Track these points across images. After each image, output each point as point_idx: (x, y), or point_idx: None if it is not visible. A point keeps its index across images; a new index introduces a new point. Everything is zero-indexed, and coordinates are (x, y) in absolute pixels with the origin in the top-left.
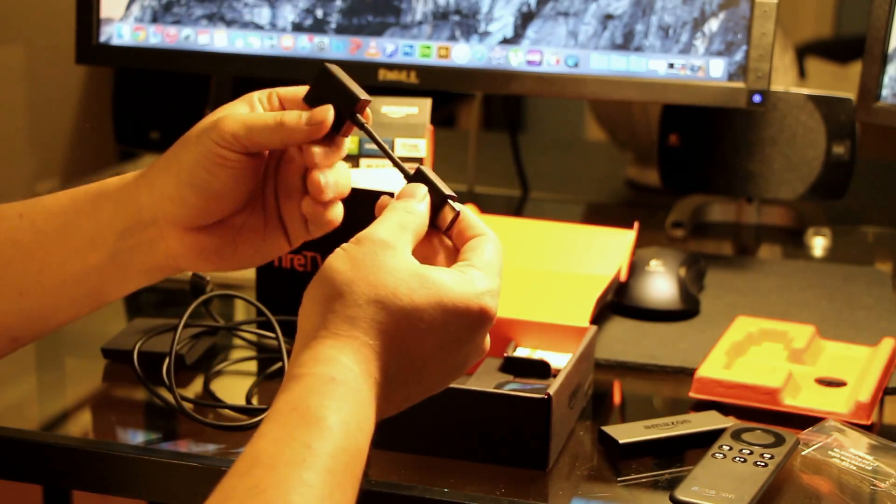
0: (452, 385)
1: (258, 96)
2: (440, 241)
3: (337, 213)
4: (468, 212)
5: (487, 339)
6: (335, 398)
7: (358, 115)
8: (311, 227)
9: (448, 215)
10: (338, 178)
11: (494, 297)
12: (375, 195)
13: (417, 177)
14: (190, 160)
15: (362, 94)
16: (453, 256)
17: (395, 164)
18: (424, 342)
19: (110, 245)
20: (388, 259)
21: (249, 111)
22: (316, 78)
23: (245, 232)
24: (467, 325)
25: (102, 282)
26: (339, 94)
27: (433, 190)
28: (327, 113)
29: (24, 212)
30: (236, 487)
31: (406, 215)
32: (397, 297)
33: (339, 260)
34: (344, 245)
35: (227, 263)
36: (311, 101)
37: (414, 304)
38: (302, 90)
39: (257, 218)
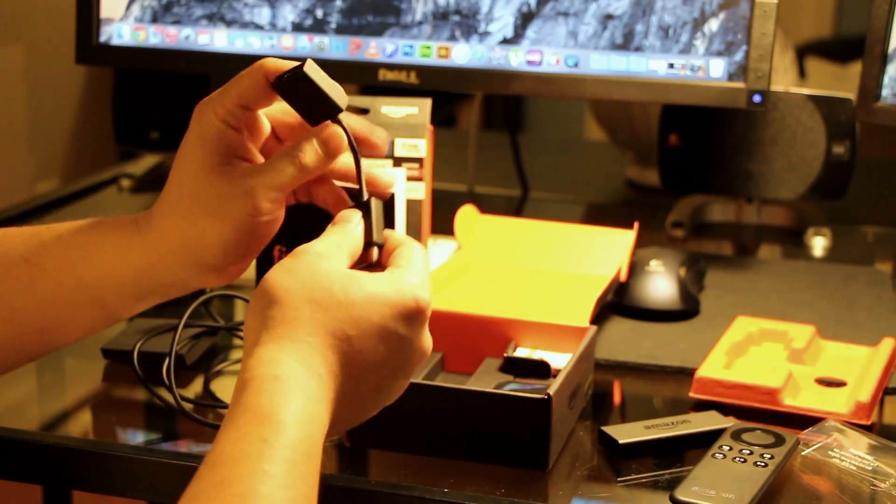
0: (452, 385)
1: (221, 117)
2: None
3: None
4: (391, 233)
5: (429, 337)
6: (282, 394)
7: (339, 118)
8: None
9: (373, 254)
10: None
11: (426, 291)
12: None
13: (363, 206)
14: (227, 236)
15: (342, 103)
16: None
17: (359, 182)
18: (364, 336)
19: (136, 294)
20: (322, 265)
21: (214, 136)
22: (292, 76)
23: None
24: (404, 316)
25: (125, 314)
26: (319, 99)
27: (367, 228)
28: (341, 141)
29: (31, 258)
30: (203, 486)
31: (342, 236)
32: (332, 295)
33: (275, 272)
34: (281, 260)
35: (246, 266)
36: (284, 93)
37: (350, 299)
38: (256, 85)
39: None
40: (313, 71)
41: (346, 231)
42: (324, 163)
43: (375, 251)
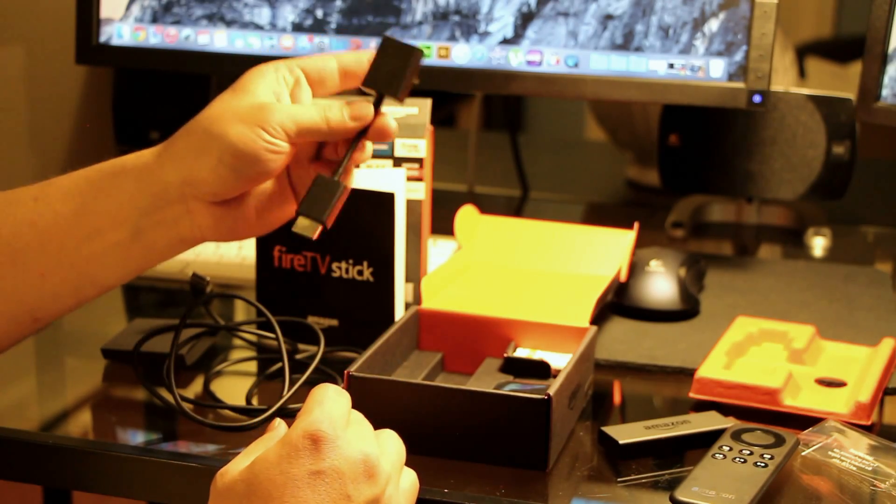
0: (452, 385)
1: (282, 73)
2: None
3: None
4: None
5: (350, 459)
6: None
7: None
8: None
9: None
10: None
11: (322, 422)
12: (375, 195)
13: (329, 183)
14: (234, 145)
15: (402, 95)
16: None
17: (340, 165)
18: (284, 497)
19: (133, 223)
20: (221, 482)
21: (276, 89)
22: (405, 45)
23: (266, 200)
24: (302, 454)
25: (125, 259)
26: (394, 75)
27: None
28: (368, 109)
29: (39, 195)
30: None
31: (255, 444)
32: (232, 480)
33: None
34: None
35: (248, 232)
36: (384, 48)
37: (247, 482)
38: (325, 64)
39: (276, 185)
40: (418, 59)
41: (263, 438)
42: (347, 127)
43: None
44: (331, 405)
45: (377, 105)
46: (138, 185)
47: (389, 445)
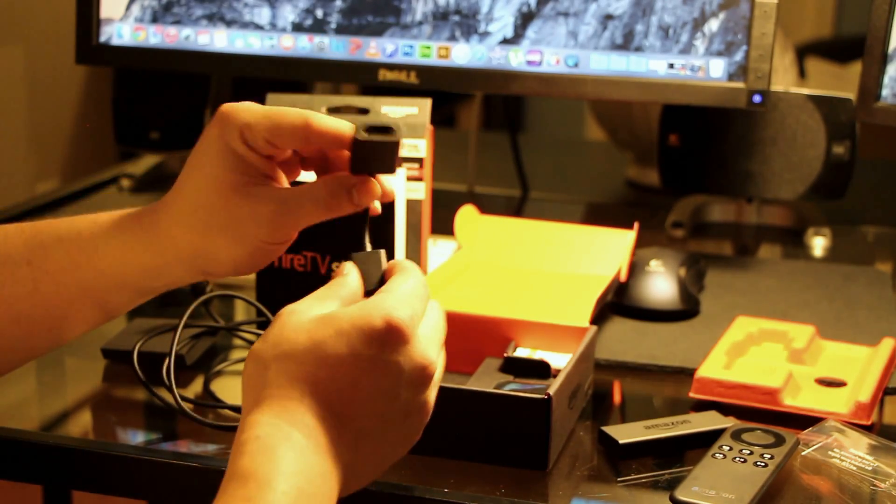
0: (452, 385)
1: (247, 140)
2: None
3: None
4: (395, 262)
5: (424, 354)
6: (263, 452)
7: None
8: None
9: None
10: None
11: (403, 309)
12: None
13: (369, 255)
14: (240, 257)
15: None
16: None
17: (364, 237)
18: (341, 373)
19: (144, 288)
20: (290, 320)
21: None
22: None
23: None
24: (373, 339)
25: (136, 303)
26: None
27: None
28: (374, 195)
29: (34, 260)
30: None
31: (327, 289)
32: (297, 343)
33: (256, 341)
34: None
35: (265, 263)
36: (359, 148)
37: (315, 340)
38: (294, 132)
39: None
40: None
41: (334, 283)
42: (350, 210)
43: None
44: (415, 294)
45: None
46: (145, 253)
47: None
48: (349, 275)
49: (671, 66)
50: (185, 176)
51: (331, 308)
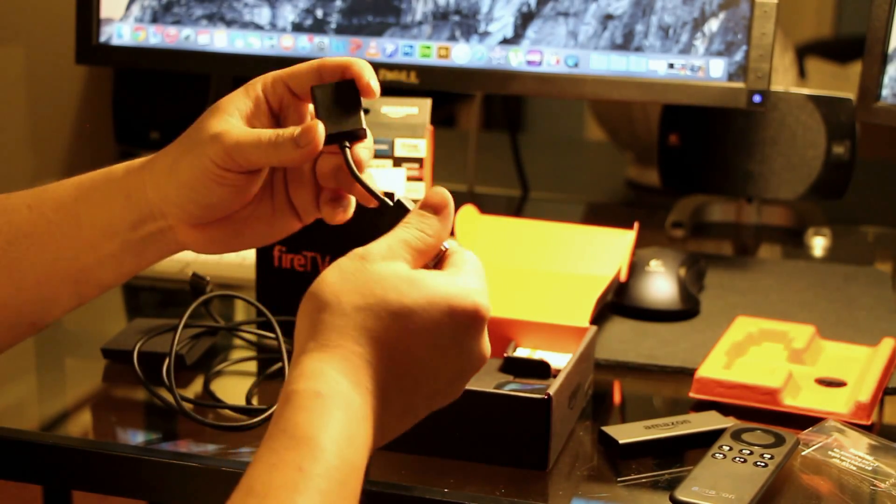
0: None
1: (262, 86)
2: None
3: (350, 211)
4: (451, 242)
5: (487, 343)
6: (323, 414)
7: (346, 144)
8: (330, 211)
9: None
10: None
11: (486, 297)
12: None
13: (398, 207)
14: (188, 174)
15: (329, 129)
16: None
17: (371, 192)
18: (418, 344)
19: (123, 235)
20: (376, 268)
21: (251, 106)
22: (312, 95)
23: (252, 221)
24: (462, 323)
25: (117, 267)
26: (335, 116)
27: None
28: (316, 134)
29: (33, 203)
30: None
31: (413, 232)
32: (386, 301)
33: (328, 272)
34: (339, 259)
35: (236, 247)
36: (316, 108)
37: (403, 305)
38: (313, 71)
39: (265, 206)
40: (322, 92)
41: (422, 226)
42: (293, 154)
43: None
44: (485, 284)
45: (343, 149)
46: (126, 200)
47: None
48: (439, 222)
49: (671, 66)
50: (180, 156)
51: (402, 260)
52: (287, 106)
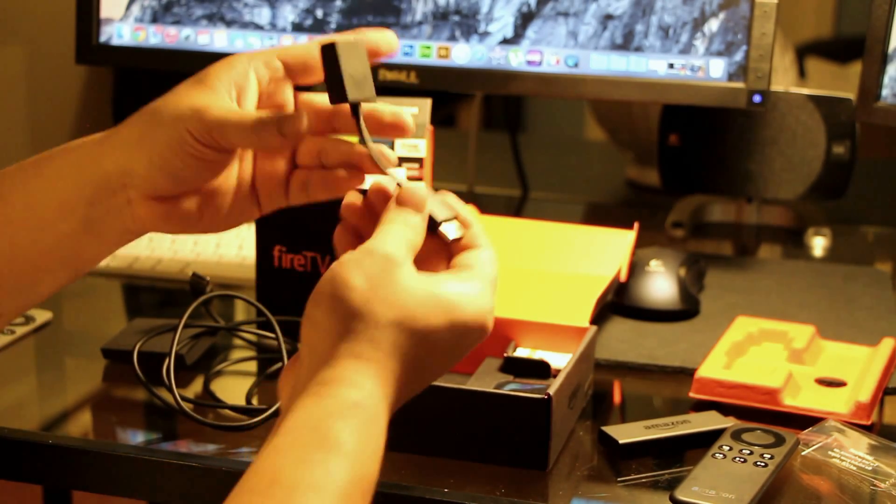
0: (452, 385)
1: (255, 64)
2: (435, 243)
3: (340, 184)
4: (474, 223)
5: None
6: (357, 424)
7: (360, 110)
8: (301, 194)
9: (448, 235)
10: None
11: (493, 312)
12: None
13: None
14: (162, 144)
15: (351, 95)
16: (446, 258)
17: (379, 166)
18: (431, 359)
19: (80, 213)
20: (402, 278)
21: (238, 82)
22: (322, 55)
23: (213, 200)
24: (472, 340)
25: (76, 249)
26: (336, 81)
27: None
28: (301, 125)
29: None
30: (258, 501)
31: (409, 230)
32: (415, 321)
33: (354, 275)
34: (355, 256)
35: (193, 228)
36: (322, 61)
37: (430, 326)
38: (307, 52)
39: (228, 185)
40: (345, 52)
41: (412, 223)
42: (276, 141)
43: (451, 234)
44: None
45: (357, 116)
46: (81, 173)
47: None
48: (420, 217)
49: (671, 66)
50: (151, 131)
51: (411, 257)
52: (275, 86)
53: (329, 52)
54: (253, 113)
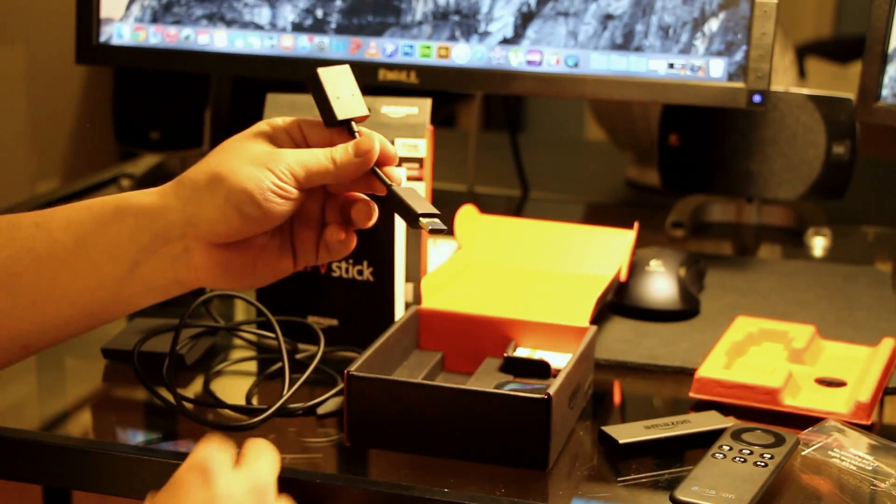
0: (452, 385)
1: (285, 128)
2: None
3: (354, 243)
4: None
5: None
6: None
7: (355, 128)
8: (326, 253)
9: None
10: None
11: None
12: (375, 195)
13: (391, 196)
14: (242, 184)
15: (340, 115)
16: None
17: (379, 177)
18: None
19: (130, 258)
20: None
21: (271, 143)
22: (308, 86)
23: (264, 252)
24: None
25: (118, 294)
26: (325, 106)
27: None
28: (373, 142)
29: (41, 221)
30: None
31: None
32: None
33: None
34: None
35: (243, 281)
36: (320, 93)
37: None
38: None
39: (276, 239)
40: (327, 77)
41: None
42: (353, 164)
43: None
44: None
45: (352, 133)
46: (140, 222)
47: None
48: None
49: (671, 66)
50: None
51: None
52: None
53: (313, 80)
54: (324, 151)
